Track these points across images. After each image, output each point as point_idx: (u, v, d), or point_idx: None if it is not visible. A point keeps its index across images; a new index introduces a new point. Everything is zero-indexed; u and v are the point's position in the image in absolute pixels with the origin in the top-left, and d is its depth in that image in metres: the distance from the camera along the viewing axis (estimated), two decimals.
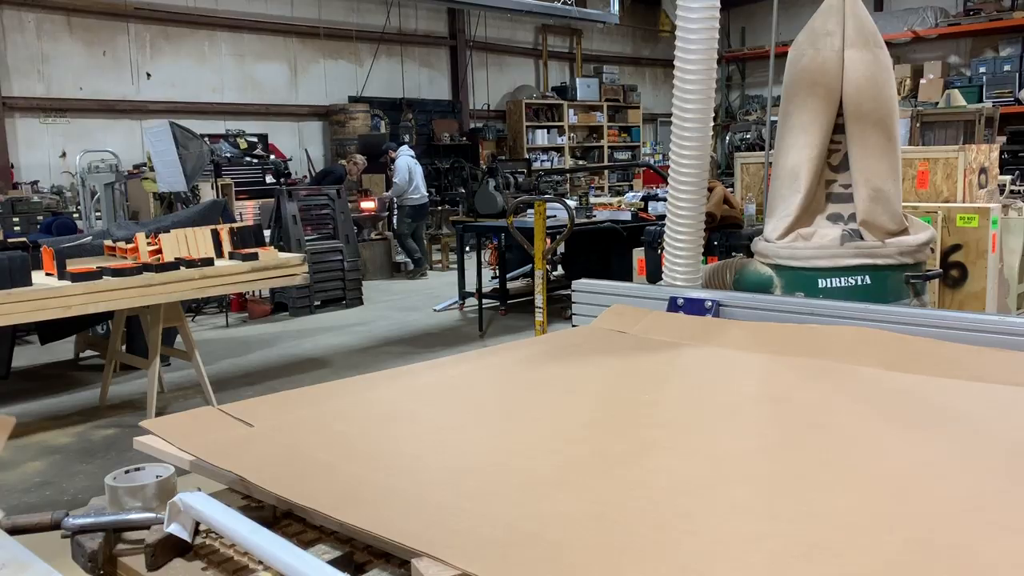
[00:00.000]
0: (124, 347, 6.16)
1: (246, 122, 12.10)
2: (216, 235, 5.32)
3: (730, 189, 4.84)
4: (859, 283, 2.71)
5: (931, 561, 0.89)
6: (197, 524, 1.07)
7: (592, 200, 8.89)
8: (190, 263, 4.96)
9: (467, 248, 8.53)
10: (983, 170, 4.53)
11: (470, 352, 2.00)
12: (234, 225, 5.74)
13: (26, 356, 7.00)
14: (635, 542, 0.94)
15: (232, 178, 10.34)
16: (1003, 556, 0.90)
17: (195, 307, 8.51)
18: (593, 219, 7.75)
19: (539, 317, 4.91)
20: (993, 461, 1.18)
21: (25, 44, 10.39)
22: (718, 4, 2.42)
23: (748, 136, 13.22)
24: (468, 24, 14.94)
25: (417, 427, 1.43)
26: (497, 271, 8.46)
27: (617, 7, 12.30)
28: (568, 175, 14.43)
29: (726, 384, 1.67)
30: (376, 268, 10.88)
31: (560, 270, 8.81)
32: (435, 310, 8.62)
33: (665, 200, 2.69)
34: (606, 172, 16.02)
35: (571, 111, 16.27)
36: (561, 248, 7.68)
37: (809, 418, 1.42)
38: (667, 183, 2.64)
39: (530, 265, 7.33)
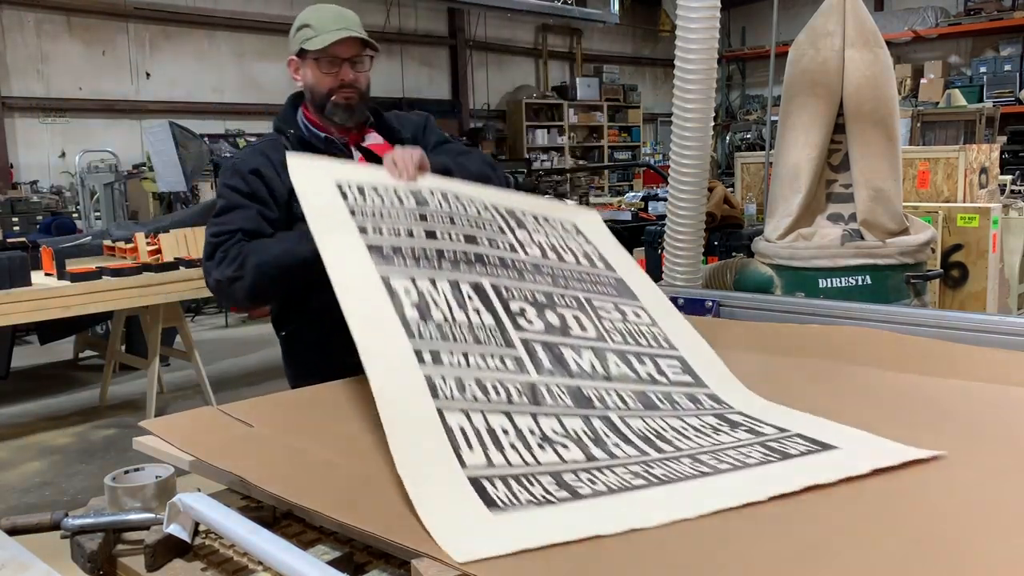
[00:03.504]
0: (124, 347, 6.16)
1: (246, 122, 12.07)
2: None
3: (730, 189, 4.83)
4: (859, 283, 2.70)
5: (931, 561, 0.89)
6: (197, 524, 1.07)
7: (592, 200, 8.89)
8: (190, 263, 4.96)
9: None
10: (984, 170, 4.53)
11: None
12: None
13: (26, 356, 6.99)
14: (635, 543, 0.94)
15: None
16: (1002, 556, 0.90)
17: (195, 307, 8.50)
18: None
19: None
20: (992, 461, 1.18)
21: (25, 44, 10.38)
22: (718, 4, 2.42)
23: (748, 136, 13.22)
24: (468, 23, 14.93)
25: None
26: None
27: (617, 7, 12.31)
28: (568, 175, 14.42)
29: None
30: None
31: None
32: None
33: (665, 200, 2.68)
34: (606, 172, 16.00)
35: (571, 111, 16.24)
36: None
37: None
38: (667, 183, 2.64)
39: None
